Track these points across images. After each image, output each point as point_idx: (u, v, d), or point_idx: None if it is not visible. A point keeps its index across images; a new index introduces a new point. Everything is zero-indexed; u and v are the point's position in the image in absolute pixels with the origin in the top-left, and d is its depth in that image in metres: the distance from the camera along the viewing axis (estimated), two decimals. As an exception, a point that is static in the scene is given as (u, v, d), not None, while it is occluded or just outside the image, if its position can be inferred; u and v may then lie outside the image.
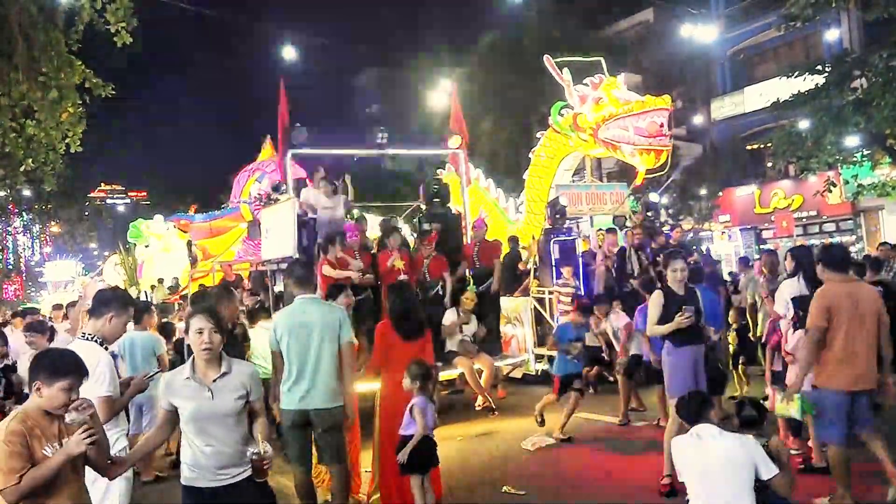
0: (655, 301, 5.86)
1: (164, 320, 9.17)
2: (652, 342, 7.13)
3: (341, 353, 4.95)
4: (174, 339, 8.98)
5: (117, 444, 4.05)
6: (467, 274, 9.76)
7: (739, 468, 3.75)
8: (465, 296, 8.83)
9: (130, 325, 5.89)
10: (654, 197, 16.05)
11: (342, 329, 4.98)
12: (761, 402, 4.62)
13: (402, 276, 8.51)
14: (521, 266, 11.54)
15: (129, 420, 5.95)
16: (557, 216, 11.23)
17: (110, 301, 4.17)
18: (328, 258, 8.30)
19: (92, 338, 4.03)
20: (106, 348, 4.04)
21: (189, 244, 13.80)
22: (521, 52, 25.41)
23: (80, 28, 9.84)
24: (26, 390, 6.35)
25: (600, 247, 11.51)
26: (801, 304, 5.89)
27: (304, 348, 4.83)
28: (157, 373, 4.78)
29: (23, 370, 6.58)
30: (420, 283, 8.84)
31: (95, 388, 3.85)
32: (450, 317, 8.58)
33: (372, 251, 9.46)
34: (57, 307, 11.26)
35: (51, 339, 6.86)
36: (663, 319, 5.72)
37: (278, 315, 5.35)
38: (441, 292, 8.87)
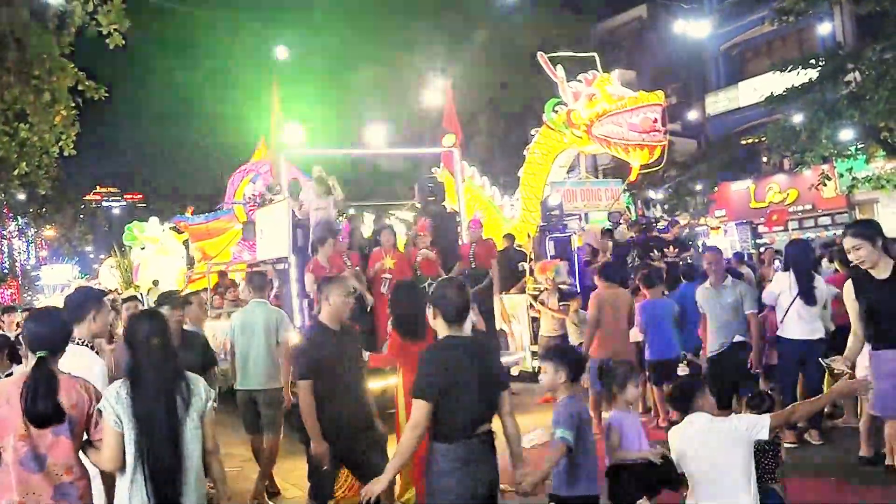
0: (848, 295, 4.65)
1: None
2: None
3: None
4: None
5: None
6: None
7: (734, 450, 3.73)
8: None
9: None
10: (651, 194, 16.13)
11: (280, 327, 6.22)
12: (769, 392, 4.79)
13: (386, 276, 8.48)
14: (525, 265, 11.49)
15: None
16: (549, 213, 11.24)
17: (87, 299, 4.06)
18: (317, 259, 8.27)
19: (84, 342, 3.91)
20: (95, 350, 3.98)
21: (185, 244, 13.75)
22: (515, 48, 25.38)
23: (72, 31, 9.79)
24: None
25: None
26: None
27: (248, 341, 6.08)
28: None
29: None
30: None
31: None
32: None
33: (364, 250, 9.43)
34: None
35: None
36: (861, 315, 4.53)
37: (234, 315, 6.63)
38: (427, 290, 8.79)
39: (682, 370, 6.89)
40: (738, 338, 6.63)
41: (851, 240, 4.40)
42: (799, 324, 6.38)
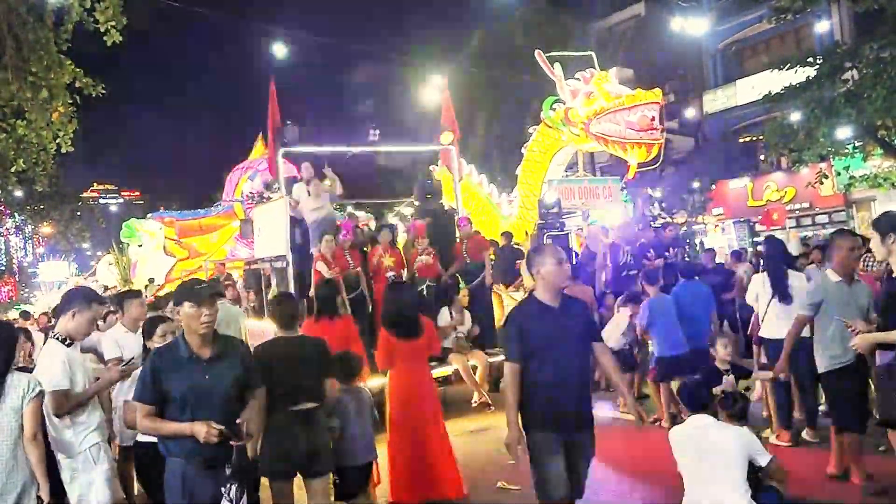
0: None
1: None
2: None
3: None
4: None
5: (87, 440, 4.06)
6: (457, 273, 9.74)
7: (734, 458, 3.77)
8: (462, 293, 8.84)
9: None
10: (649, 192, 16.16)
11: (240, 321, 7.55)
12: (744, 392, 4.76)
13: (390, 274, 8.50)
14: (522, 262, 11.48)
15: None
16: (547, 211, 11.23)
17: (73, 298, 4.29)
18: (322, 255, 8.27)
19: (56, 336, 4.14)
20: (71, 345, 4.11)
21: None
22: (513, 47, 25.35)
23: (70, 27, 9.77)
24: None
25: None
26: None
27: None
28: (131, 361, 4.77)
29: None
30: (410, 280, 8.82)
31: (47, 383, 3.90)
32: (444, 317, 8.58)
33: (364, 249, 9.42)
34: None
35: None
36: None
37: None
38: (426, 293, 8.80)
39: (728, 385, 5.73)
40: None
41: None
42: (778, 324, 6.30)
